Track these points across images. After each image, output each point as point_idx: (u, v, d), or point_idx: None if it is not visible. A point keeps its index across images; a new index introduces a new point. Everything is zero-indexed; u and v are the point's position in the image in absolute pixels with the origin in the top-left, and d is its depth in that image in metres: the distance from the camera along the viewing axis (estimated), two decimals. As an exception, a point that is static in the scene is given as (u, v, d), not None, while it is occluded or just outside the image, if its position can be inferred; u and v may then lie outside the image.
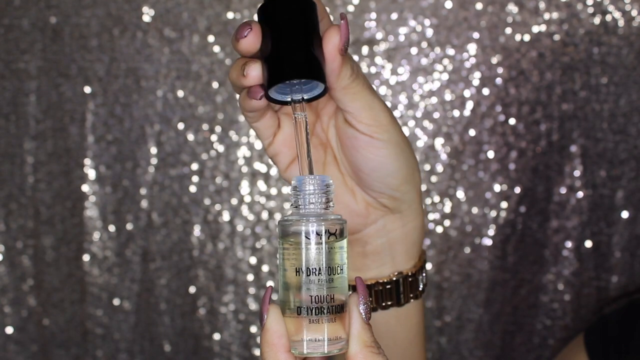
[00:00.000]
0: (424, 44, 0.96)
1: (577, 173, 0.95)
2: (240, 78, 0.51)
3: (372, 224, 0.60)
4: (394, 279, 0.61)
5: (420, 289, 0.62)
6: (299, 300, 0.49)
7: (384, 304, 0.61)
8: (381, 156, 0.55)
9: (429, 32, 0.96)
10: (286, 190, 0.98)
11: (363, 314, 0.49)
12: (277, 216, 0.99)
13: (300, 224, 0.50)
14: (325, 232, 0.49)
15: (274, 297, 0.50)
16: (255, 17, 0.53)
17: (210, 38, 0.98)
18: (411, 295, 0.61)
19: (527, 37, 0.95)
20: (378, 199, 0.58)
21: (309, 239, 0.49)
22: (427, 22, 0.96)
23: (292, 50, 0.50)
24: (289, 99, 0.52)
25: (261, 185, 0.99)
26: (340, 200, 0.59)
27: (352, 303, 0.49)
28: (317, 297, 0.49)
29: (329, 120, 0.58)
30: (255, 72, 0.51)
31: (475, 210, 0.97)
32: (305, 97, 0.52)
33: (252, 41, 0.51)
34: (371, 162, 0.56)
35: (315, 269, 0.49)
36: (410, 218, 0.60)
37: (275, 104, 0.54)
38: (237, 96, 0.56)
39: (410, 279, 0.61)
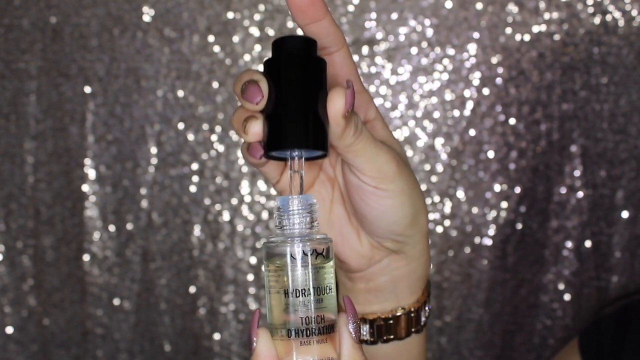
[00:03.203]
0: (424, 44, 0.96)
1: (577, 173, 0.95)
2: (241, 132, 0.51)
3: (376, 263, 0.59)
4: (397, 314, 0.60)
5: (423, 322, 0.61)
6: (288, 322, 0.48)
7: (385, 337, 0.60)
8: (385, 206, 0.55)
9: (429, 32, 0.96)
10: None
11: (353, 333, 0.49)
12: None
13: (285, 245, 0.49)
14: (312, 252, 0.49)
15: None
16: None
17: (210, 38, 0.98)
18: (413, 330, 0.60)
19: (527, 37, 0.95)
20: (381, 242, 0.58)
21: (295, 259, 0.48)
22: (427, 22, 0.96)
23: (295, 116, 0.49)
24: (288, 156, 0.51)
25: (261, 185, 0.99)
26: (345, 240, 0.58)
27: (341, 323, 0.49)
28: (306, 318, 0.48)
29: (337, 158, 0.57)
30: (255, 130, 0.50)
31: (475, 210, 0.97)
32: (304, 156, 0.51)
33: (259, 106, 0.50)
34: (375, 210, 0.55)
35: (304, 289, 0.48)
36: (415, 257, 0.59)
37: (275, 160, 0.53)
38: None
39: (412, 314, 0.60)
